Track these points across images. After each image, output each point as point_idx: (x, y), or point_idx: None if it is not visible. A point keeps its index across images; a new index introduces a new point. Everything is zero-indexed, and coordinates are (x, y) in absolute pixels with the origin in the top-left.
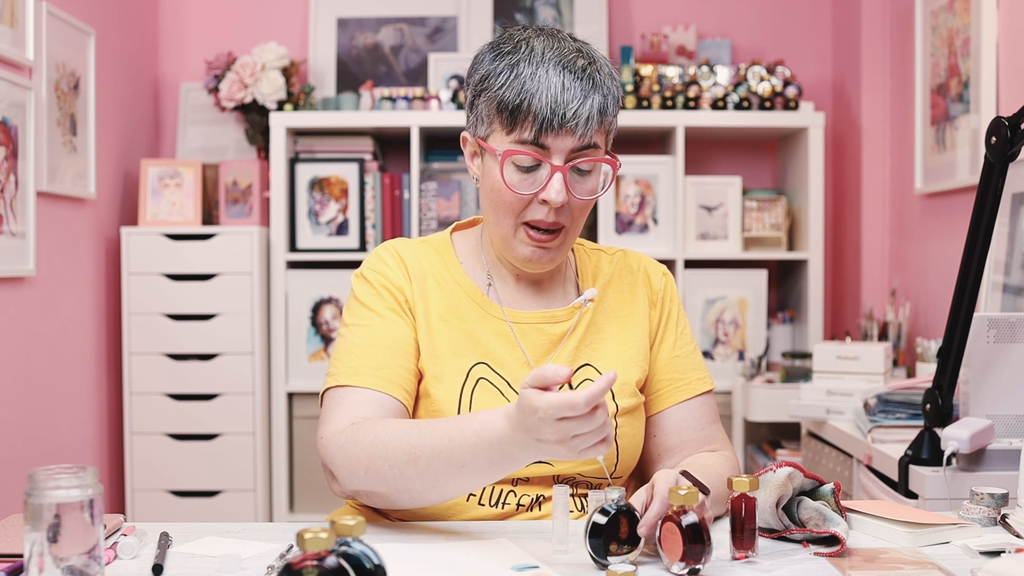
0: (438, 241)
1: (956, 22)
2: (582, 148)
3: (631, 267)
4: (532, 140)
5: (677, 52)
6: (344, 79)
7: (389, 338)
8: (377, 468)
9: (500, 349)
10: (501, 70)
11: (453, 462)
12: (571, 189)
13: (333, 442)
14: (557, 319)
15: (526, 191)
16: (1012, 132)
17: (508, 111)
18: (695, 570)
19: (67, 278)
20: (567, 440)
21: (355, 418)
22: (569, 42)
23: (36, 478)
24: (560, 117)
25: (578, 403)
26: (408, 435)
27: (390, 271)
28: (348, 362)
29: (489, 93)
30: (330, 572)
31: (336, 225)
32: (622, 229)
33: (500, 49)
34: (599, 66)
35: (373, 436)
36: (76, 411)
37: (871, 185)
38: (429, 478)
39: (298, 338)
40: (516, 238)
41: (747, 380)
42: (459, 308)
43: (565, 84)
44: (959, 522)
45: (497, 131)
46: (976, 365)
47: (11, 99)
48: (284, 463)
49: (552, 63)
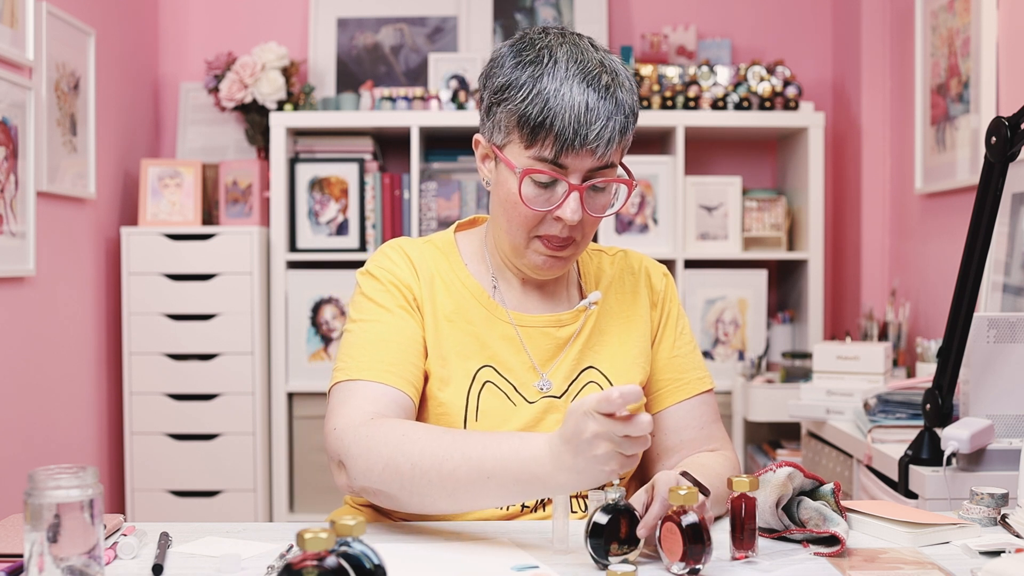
0: (442, 241)
1: (956, 22)
2: (600, 167)
3: (632, 268)
4: (552, 159)
5: (677, 52)
6: (344, 79)
7: (399, 334)
8: (397, 465)
9: (506, 352)
10: (524, 82)
11: (483, 470)
12: (586, 206)
13: (352, 434)
14: (563, 323)
15: (541, 207)
16: (1012, 132)
17: (529, 127)
18: (695, 570)
19: (67, 278)
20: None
21: (371, 412)
22: (592, 52)
23: (36, 478)
24: (582, 138)
25: (613, 399)
26: (441, 439)
27: (398, 269)
28: (358, 356)
29: (510, 105)
30: (330, 572)
31: (336, 225)
32: (622, 229)
33: (522, 57)
34: (621, 80)
35: (400, 434)
36: (76, 411)
37: (871, 185)
38: (450, 484)
39: (298, 338)
40: (528, 248)
41: (747, 380)
42: (466, 310)
43: (589, 104)
44: (959, 522)
45: (515, 143)
46: (976, 365)
47: (11, 99)
48: (284, 463)
49: (576, 80)
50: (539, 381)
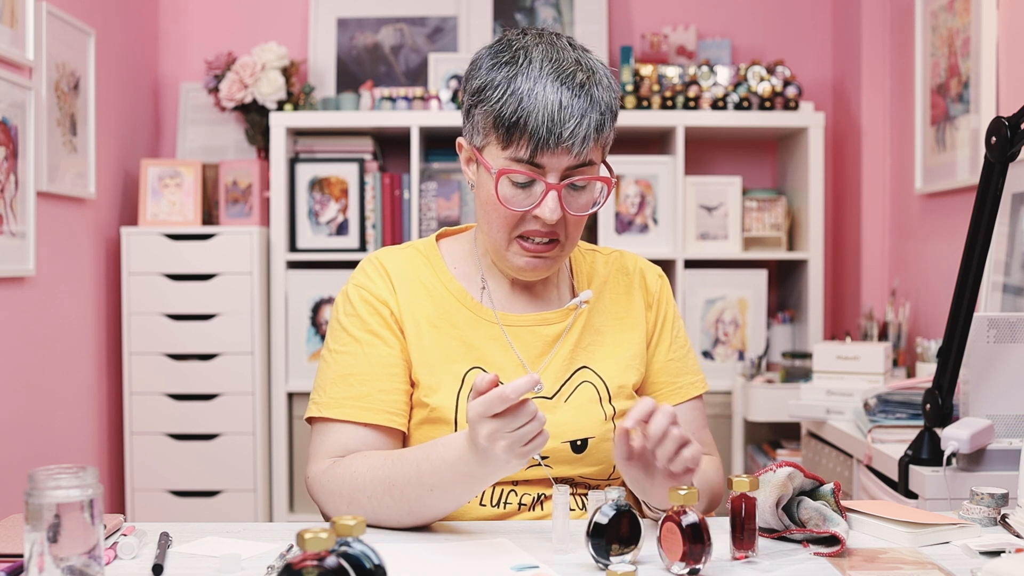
0: (425, 247)
1: (956, 22)
2: (578, 166)
3: (627, 268)
4: (527, 159)
5: (677, 52)
6: (344, 79)
7: (367, 364)
8: (357, 501)
9: (494, 353)
10: (499, 82)
11: (423, 486)
12: (566, 205)
13: (317, 482)
14: (549, 321)
15: (520, 207)
16: (1012, 132)
17: (504, 127)
18: (695, 570)
19: (67, 278)
20: (500, 438)
21: (334, 455)
22: (569, 51)
23: (36, 478)
24: (556, 136)
25: (507, 395)
26: (382, 466)
27: (373, 285)
28: (329, 391)
29: (486, 106)
30: (330, 572)
31: (336, 225)
32: (622, 229)
33: (498, 58)
34: (598, 78)
35: (351, 472)
36: (76, 411)
37: (871, 185)
38: (405, 504)
39: (298, 338)
40: (510, 250)
41: (747, 380)
42: (449, 314)
43: (563, 102)
44: (959, 522)
45: (493, 144)
46: (976, 365)
47: (11, 99)
48: (284, 463)
49: (550, 79)
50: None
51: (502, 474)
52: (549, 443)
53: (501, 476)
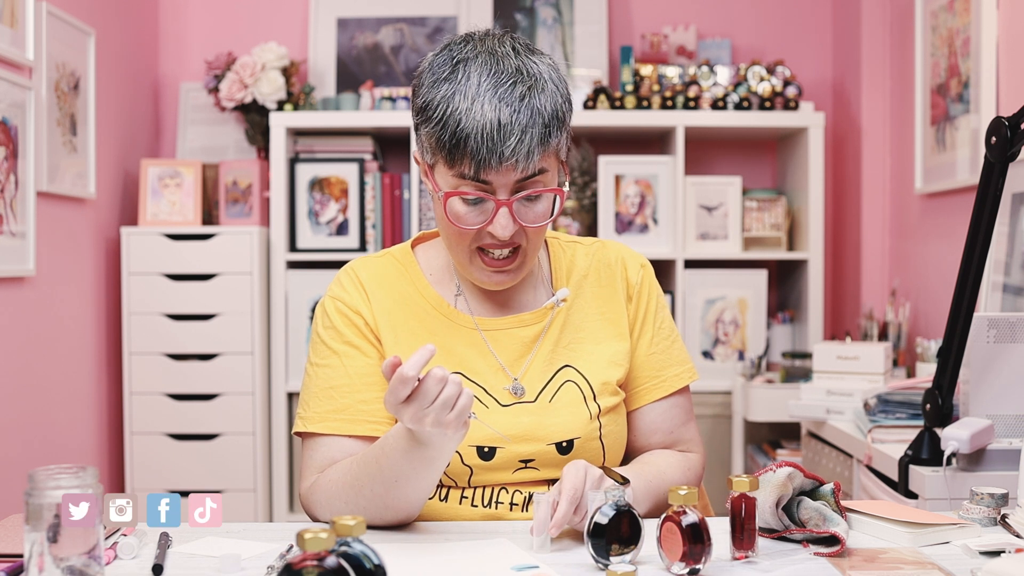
0: (401, 253)
1: (956, 22)
2: (528, 177)
3: (608, 260)
4: (473, 177)
5: (677, 52)
6: (344, 79)
7: (347, 376)
8: (338, 508)
9: (474, 358)
10: (438, 103)
11: (387, 480)
12: (520, 218)
13: (306, 498)
14: (527, 323)
15: (473, 224)
16: (1012, 132)
17: (446, 150)
18: (695, 570)
19: (67, 278)
20: (423, 416)
21: (319, 469)
22: (510, 59)
23: (36, 478)
24: (499, 156)
25: (406, 375)
26: (349, 470)
27: (347, 295)
28: (313, 405)
29: (427, 128)
30: (330, 572)
31: (336, 225)
32: (622, 229)
33: (438, 73)
34: (542, 84)
35: (328, 481)
36: (76, 411)
37: (871, 185)
38: (378, 501)
39: (298, 338)
40: (473, 264)
41: (747, 380)
42: (427, 322)
43: (501, 120)
44: (959, 522)
45: (440, 163)
46: (976, 365)
47: (11, 99)
48: (284, 463)
49: (488, 95)
50: (510, 384)
51: (453, 445)
52: (535, 446)
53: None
